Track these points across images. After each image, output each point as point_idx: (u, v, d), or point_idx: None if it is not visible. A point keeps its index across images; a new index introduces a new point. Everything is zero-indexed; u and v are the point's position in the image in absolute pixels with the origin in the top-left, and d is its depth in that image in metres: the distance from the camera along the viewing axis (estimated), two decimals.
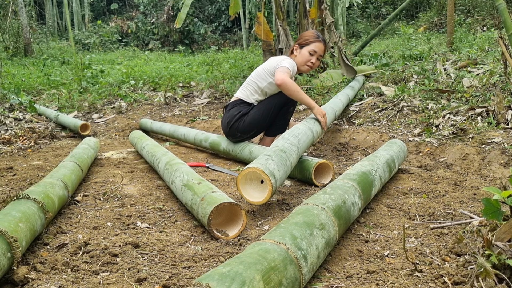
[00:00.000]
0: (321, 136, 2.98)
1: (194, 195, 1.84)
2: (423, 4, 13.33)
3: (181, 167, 2.22)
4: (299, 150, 2.29)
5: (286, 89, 2.75)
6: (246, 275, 0.98)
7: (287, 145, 2.19)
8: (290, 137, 2.30)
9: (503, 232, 1.25)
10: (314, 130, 2.59)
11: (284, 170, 2.02)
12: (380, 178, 2.01)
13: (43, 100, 6.02)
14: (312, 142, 2.59)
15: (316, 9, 5.38)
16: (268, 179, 1.86)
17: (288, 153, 2.14)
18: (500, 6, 3.30)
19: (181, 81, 6.91)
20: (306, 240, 1.24)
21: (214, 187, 1.89)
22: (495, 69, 3.84)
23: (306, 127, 2.52)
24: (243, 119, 2.95)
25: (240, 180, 1.92)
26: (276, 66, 2.88)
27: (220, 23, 15.93)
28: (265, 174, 1.86)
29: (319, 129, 2.70)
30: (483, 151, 2.65)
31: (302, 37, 2.99)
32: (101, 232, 1.76)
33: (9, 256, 1.30)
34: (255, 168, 1.88)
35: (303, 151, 2.38)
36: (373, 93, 4.28)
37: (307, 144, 2.44)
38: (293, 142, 2.26)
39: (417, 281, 1.27)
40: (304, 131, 2.44)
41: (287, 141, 2.25)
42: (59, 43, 13.35)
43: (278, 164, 1.98)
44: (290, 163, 2.11)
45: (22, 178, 2.64)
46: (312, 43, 2.93)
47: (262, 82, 2.97)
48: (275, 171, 1.93)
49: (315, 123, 2.66)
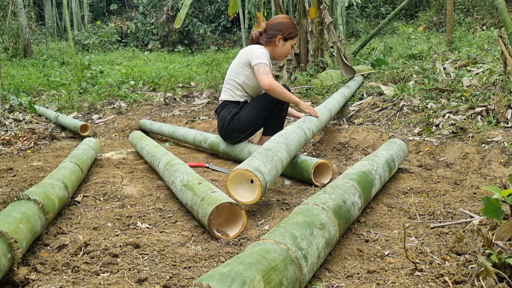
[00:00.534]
0: (320, 128, 2.93)
1: (194, 195, 1.84)
2: (423, 4, 13.33)
3: (181, 167, 2.22)
4: (289, 146, 2.28)
5: (273, 93, 2.77)
6: (246, 275, 0.98)
7: (273, 144, 2.21)
8: (276, 137, 2.32)
9: (503, 231, 1.25)
10: (305, 127, 2.59)
11: (272, 165, 2.01)
12: (380, 177, 2.01)
13: (43, 101, 6.02)
14: (306, 139, 2.59)
15: (315, 9, 5.38)
16: (253, 175, 1.85)
17: (275, 149, 2.13)
18: (499, 5, 3.30)
19: (180, 81, 6.91)
20: (307, 240, 1.24)
21: (214, 187, 1.89)
22: (494, 68, 3.84)
23: (295, 126, 2.54)
24: (235, 118, 2.93)
25: (230, 187, 1.89)
26: (250, 59, 2.86)
27: (220, 23, 15.93)
28: (249, 172, 1.85)
29: (312, 125, 2.70)
30: (483, 150, 2.65)
31: (285, 28, 2.93)
32: (101, 232, 1.76)
33: (10, 257, 1.30)
34: (238, 170, 1.88)
35: (295, 147, 2.38)
36: (373, 92, 4.29)
37: (298, 140, 2.43)
38: (280, 140, 2.27)
39: (418, 281, 1.27)
40: (292, 130, 2.46)
41: (272, 141, 2.27)
42: (58, 44, 13.35)
43: (264, 161, 1.98)
44: (278, 158, 2.10)
45: (22, 179, 2.64)
46: (295, 37, 2.99)
47: (239, 77, 2.95)
48: (261, 166, 1.93)
49: (305, 121, 2.67)
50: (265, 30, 2.99)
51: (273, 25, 2.97)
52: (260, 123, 2.99)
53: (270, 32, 2.96)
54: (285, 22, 2.97)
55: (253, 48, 2.90)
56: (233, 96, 3.00)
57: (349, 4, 10.56)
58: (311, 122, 2.72)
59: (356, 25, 12.86)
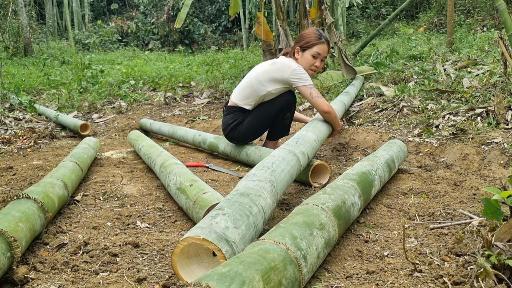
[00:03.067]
0: (317, 148, 2.44)
1: (187, 199, 1.83)
2: (423, 5, 13.33)
3: (175, 169, 2.19)
4: (276, 184, 1.65)
5: (329, 117, 2.68)
6: (245, 275, 0.98)
7: (253, 184, 1.56)
8: (258, 171, 1.68)
9: (503, 232, 1.25)
10: (299, 152, 2.04)
11: (249, 223, 1.34)
12: (380, 178, 2.01)
13: (43, 100, 6.02)
14: (300, 167, 2.03)
15: (316, 9, 5.39)
16: (215, 248, 1.18)
17: (254, 194, 1.48)
18: (500, 6, 3.30)
19: (181, 81, 6.92)
20: (306, 240, 1.24)
21: (206, 186, 1.88)
22: (495, 69, 3.84)
23: (285, 151, 1.96)
24: (237, 128, 2.85)
25: (178, 264, 1.25)
26: (288, 78, 2.67)
27: (220, 23, 15.93)
28: (208, 243, 1.18)
29: (307, 147, 2.19)
30: (483, 152, 2.66)
31: (303, 38, 2.76)
32: (101, 232, 1.76)
33: (9, 255, 1.30)
34: (191, 239, 1.20)
35: (284, 184, 1.78)
36: (373, 93, 4.29)
37: (289, 171, 1.84)
38: (263, 176, 1.64)
39: (417, 281, 1.27)
40: (281, 157, 1.88)
41: (252, 178, 1.63)
42: (59, 43, 13.35)
43: (235, 218, 1.31)
44: (258, 208, 1.44)
45: (22, 177, 2.64)
46: (315, 45, 2.72)
47: (262, 89, 2.76)
48: (229, 230, 1.26)
49: (298, 142, 2.15)
50: None
51: (297, 38, 2.85)
52: (261, 133, 2.94)
53: (294, 46, 2.82)
54: (304, 32, 2.80)
55: (289, 65, 2.69)
56: (244, 102, 2.85)
57: (349, 4, 10.56)
58: (307, 144, 2.21)
59: (356, 26, 12.87)
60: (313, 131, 2.45)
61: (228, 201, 1.42)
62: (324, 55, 2.77)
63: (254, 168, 1.74)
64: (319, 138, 2.45)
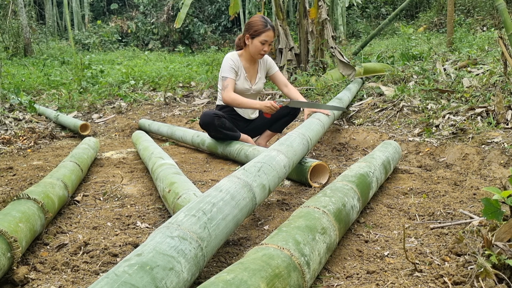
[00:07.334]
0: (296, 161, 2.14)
1: (169, 206, 1.82)
2: (423, 4, 13.34)
3: (160, 174, 2.14)
4: (206, 246, 1.17)
5: (234, 105, 3.07)
6: (251, 283, 0.96)
7: (168, 245, 1.07)
8: (187, 219, 1.20)
9: (503, 232, 1.25)
10: (257, 185, 1.59)
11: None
12: (377, 180, 2.00)
13: (43, 100, 6.02)
14: (253, 207, 1.54)
15: (316, 9, 5.39)
16: None
17: (162, 268, 0.98)
18: (500, 6, 3.30)
19: (181, 81, 6.92)
20: (309, 246, 1.22)
21: (182, 187, 1.81)
22: (495, 69, 3.84)
23: (239, 185, 1.49)
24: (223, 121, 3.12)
25: None
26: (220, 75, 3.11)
27: (220, 23, 15.93)
28: None
29: (271, 179, 1.72)
30: (483, 151, 2.65)
31: (251, 26, 3.00)
32: (101, 232, 1.76)
33: (9, 256, 1.30)
34: None
35: (221, 239, 1.29)
36: (373, 93, 4.29)
37: (234, 220, 1.36)
38: (191, 230, 1.16)
39: (417, 281, 1.27)
40: (230, 195, 1.39)
41: (172, 230, 1.14)
42: (59, 43, 13.36)
43: None
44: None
45: (22, 178, 2.64)
46: (262, 33, 2.98)
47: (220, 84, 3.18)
48: None
49: (260, 171, 1.67)
50: None
51: (245, 26, 3.11)
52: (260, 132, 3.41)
53: (243, 34, 3.10)
54: (251, 21, 3.04)
55: (224, 62, 3.09)
56: (218, 97, 3.26)
57: (349, 4, 10.56)
58: (273, 172, 1.76)
59: (356, 26, 12.87)
60: (287, 152, 1.99)
61: (112, 282, 0.87)
62: (270, 40, 3.05)
63: (184, 210, 1.25)
64: (290, 163, 1.98)
